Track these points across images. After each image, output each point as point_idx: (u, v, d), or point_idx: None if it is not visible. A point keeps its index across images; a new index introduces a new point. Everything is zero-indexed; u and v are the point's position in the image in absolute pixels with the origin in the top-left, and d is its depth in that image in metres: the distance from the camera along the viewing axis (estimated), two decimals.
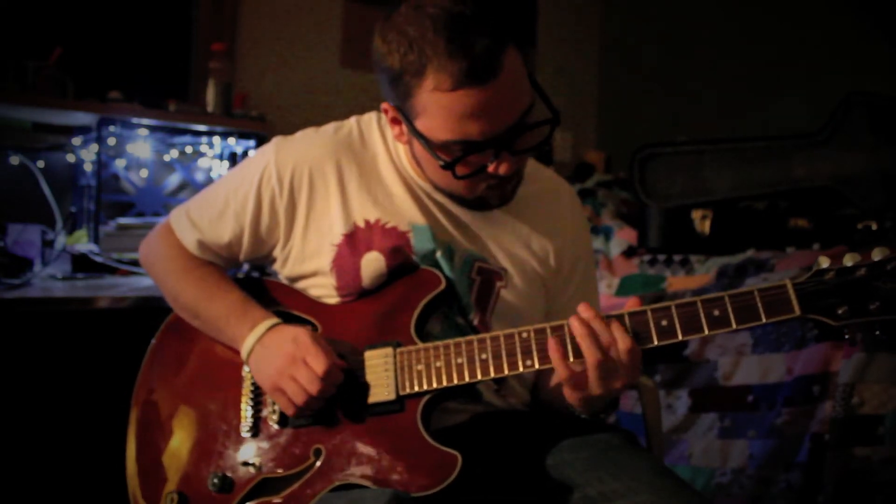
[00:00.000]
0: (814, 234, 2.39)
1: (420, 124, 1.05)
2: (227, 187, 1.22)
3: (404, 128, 1.10)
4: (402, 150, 1.21)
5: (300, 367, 1.05)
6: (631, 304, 1.02)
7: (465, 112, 1.00)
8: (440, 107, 1.00)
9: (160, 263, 1.26)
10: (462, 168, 1.06)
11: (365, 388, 1.08)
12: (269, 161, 1.18)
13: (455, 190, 1.14)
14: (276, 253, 1.22)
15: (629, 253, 2.57)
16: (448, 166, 1.05)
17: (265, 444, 1.11)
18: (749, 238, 2.38)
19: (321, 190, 1.18)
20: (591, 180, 3.32)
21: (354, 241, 1.17)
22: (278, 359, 1.07)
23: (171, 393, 1.20)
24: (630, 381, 1.00)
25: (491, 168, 1.06)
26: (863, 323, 0.94)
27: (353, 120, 1.24)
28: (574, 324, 0.99)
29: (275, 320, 1.13)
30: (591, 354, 0.97)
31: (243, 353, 1.12)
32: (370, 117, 1.25)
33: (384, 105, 1.12)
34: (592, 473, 1.05)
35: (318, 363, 1.05)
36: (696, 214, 2.52)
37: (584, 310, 0.99)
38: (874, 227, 2.19)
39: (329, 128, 1.23)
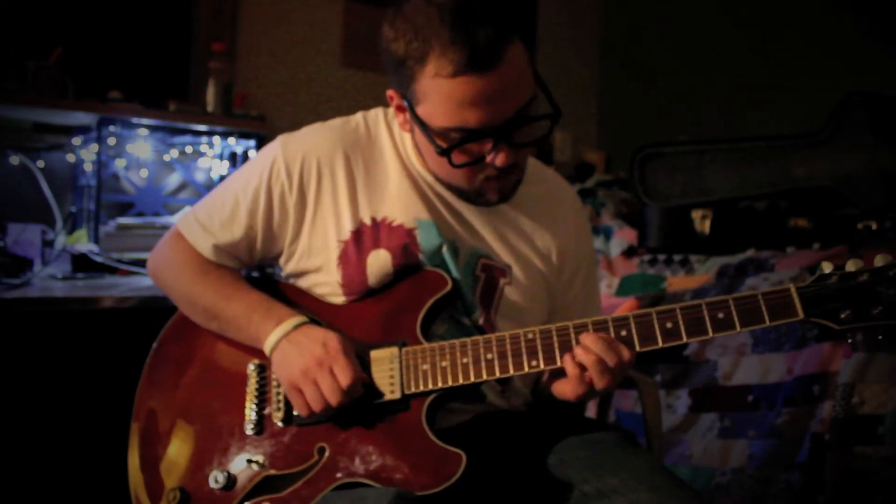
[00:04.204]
0: (814, 234, 2.40)
1: (421, 110, 1.06)
2: (235, 187, 1.21)
3: (408, 115, 1.11)
4: (408, 144, 1.21)
5: (325, 375, 1.05)
6: (628, 305, 1.03)
7: (463, 99, 1.01)
8: (440, 93, 1.02)
9: (172, 271, 1.24)
10: (459, 156, 1.07)
11: (370, 387, 1.08)
12: (277, 155, 1.18)
13: (454, 180, 1.15)
14: (284, 248, 1.22)
15: (629, 253, 2.57)
16: (444, 153, 1.06)
17: (269, 442, 1.11)
18: (749, 238, 2.38)
19: (329, 183, 1.18)
20: (591, 180, 3.32)
21: (361, 239, 1.17)
22: (304, 358, 1.07)
23: (174, 392, 1.20)
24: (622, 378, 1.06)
25: (489, 159, 1.07)
26: (866, 327, 0.96)
27: (359, 115, 1.25)
28: (581, 354, 1.01)
29: (302, 318, 1.12)
30: (597, 375, 1.00)
31: (266, 348, 1.12)
32: (377, 113, 1.25)
33: (389, 92, 1.13)
34: (591, 471, 1.06)
35: (345, 376, 1.05)
36: (696, 214, 2.52)
37: (591, 341, 1.01)
38: (874, 227, 2.20)
39: (336, 122, 1.23)
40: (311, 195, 1.18)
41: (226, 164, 2.63)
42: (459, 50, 0.98)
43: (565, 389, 1.05)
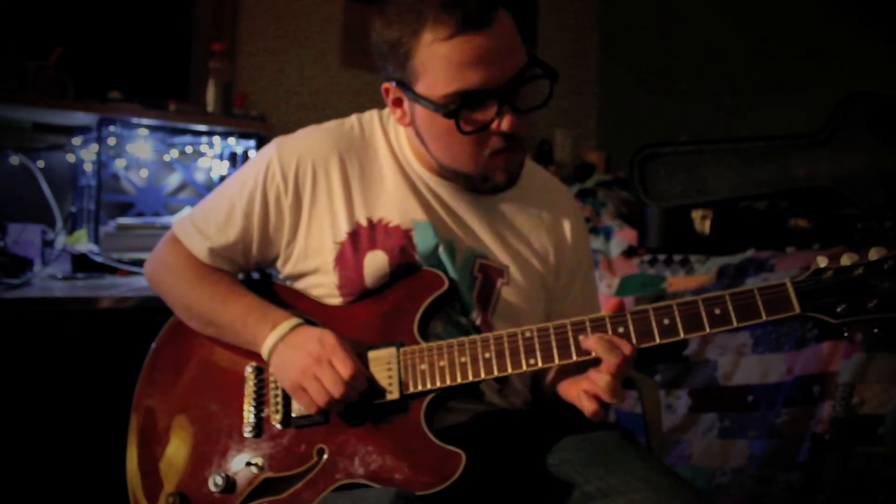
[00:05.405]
0: (814, 234, 2.40)
1: (420, 87, 1.07)
2: (230, 190, 1.21)
3: (406, 107, 1.11)
4: (405, 143, 1.21)
5: (325, 368, 1.05)
6: (612, 305, 1.03)
7: (463, 60, 1.03)
8: (440, 58, 1.04)
9: (169, 276, 1.23)
10: (466, 124, 1.07)
11: (369, 388, 1.08)
12: (272, 158, 1.18)
13: (460, 163, 1.14)
14: (280, 251, 1.22)
15: (629, 253, 2.57)
16: (452, 115, 1.06)
17: (267, 445, 1.11)
18: (749, 238, 2.38)
19: (324, 185, 1.18)
20: (591, 180, 3.32)
21: (357, 240, 1.17)
22: (302, 358, 1.07)
23: (172, 394, 1.20)
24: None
25: (494, 125, 1.07)
26: (862, 321, 0.95)
27: (353, 117, 1.25)
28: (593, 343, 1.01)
29: (297, 320, 1.12)
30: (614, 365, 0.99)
31: (264, 352, 1.12)
32: (371, 114, 1.25)
33: (385, 85, 1.14)
34: (592, 471, 1.05)
35: (345, 367, 1.05)
36: (696, 214, 2.52)
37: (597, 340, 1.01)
38: (874, 227, 2.20)
39: (331, 124, 1.24)
40: (306, 197, 1.18)
41: (226, 164, 2.63)
42: (453, 12, 1.01)
43: (584, 406, 1.03)
